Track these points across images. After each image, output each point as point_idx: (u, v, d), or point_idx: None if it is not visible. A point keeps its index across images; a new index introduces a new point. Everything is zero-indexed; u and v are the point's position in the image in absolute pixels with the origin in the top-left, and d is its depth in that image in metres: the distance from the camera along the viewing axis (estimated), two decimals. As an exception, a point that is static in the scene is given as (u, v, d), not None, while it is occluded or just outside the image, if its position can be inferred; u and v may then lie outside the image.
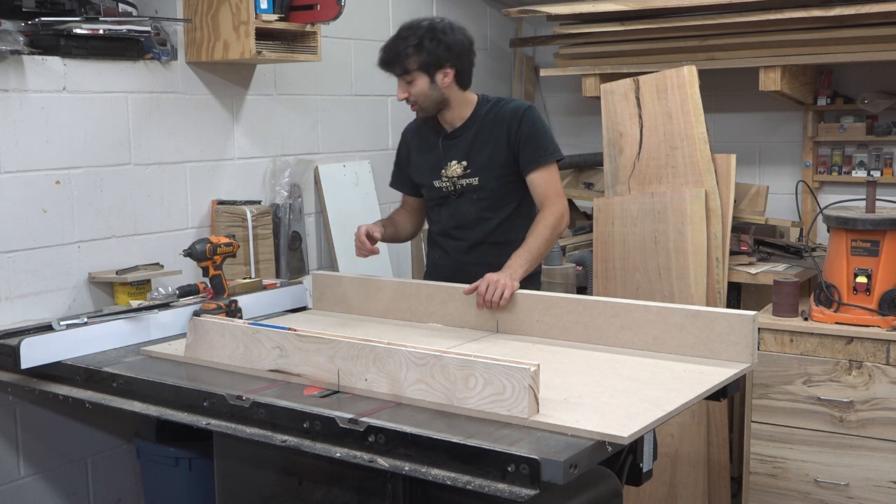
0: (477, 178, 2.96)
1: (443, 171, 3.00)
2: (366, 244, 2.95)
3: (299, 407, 2.09)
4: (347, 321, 2.97)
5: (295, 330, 2.32)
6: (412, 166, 3.13)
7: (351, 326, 2.85)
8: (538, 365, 1.98)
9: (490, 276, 2.71)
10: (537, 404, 1.97)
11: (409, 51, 2.85)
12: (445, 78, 2.89)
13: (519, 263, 2.76)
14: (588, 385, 2.21)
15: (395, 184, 3.25)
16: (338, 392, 2.20)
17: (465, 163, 2.96)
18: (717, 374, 2.29)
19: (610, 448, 1.88)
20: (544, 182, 2.90)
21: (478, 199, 2.98)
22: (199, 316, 2.59)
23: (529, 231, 2.86)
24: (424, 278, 3.26)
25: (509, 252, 2.87)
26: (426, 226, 3.29)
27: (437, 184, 3.02)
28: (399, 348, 2.13)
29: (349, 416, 2.00)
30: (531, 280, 2.95)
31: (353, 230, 3.86)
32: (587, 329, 2.60)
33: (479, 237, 3.01)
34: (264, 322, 2.63)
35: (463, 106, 2.98)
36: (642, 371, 2.33)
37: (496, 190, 2.96)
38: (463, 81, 2.95)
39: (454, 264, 3.06)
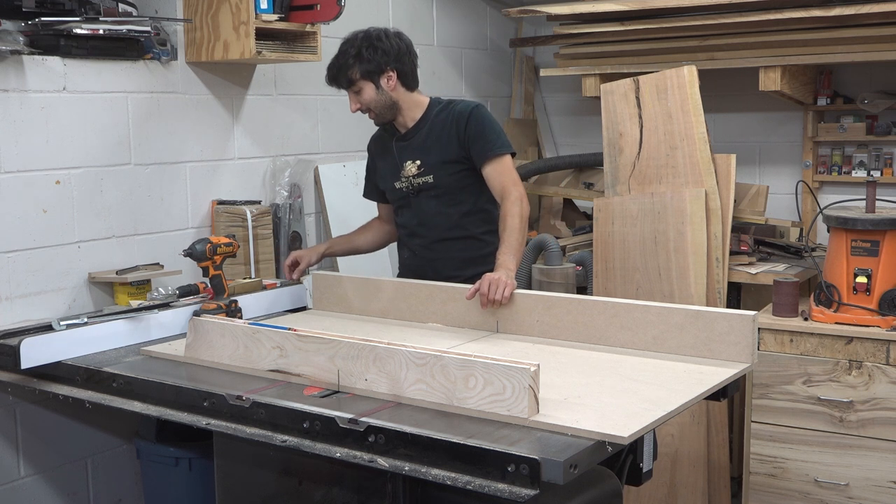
0: (431, 176, 3.05)
1: (401, 172, 3.10)
2: (286, 272, 3.21)
3: (299, 407, 2.09)
4: (347, 321, 2.97)
5: (295, 330, 2.32)
6: (379, 172, 3.24)
7: (351, 326, 2.85)
8: (538, 365, 1.98)
9: (490, 276, 2.73)
10: (537, 404, 1.97)
11: (350, 62, 2.97)
12: (390, 81, 3.00)
13: (509, 261, 2.80)
14: (588, 385, 2.21)
15: (366, 193, 3.38)
16: (338, 392, 2.20)
17: (418, 162, 3.06)
18: (717, 374, 2.29)
19: (610, 448, 1.88)
20: (498, 174, 2.98)
21: (435, 195, 3.07)
22: (199, 316, 2.59)
23: (501, 228, 2.91)
24: (399, 276, 3.30)
25: (472, 245, 3.07)
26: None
27: (397, 185, 3.12)
28: (399, 348, 2.13)
29: (349, 416, 2.00)
30: None
31: (354, 230, 3.89)
32: (587, 329, 2.60)
33: (441, 233, 3.10)
34: (264, 322, 2.63)
35: (414, 108, 3.08)
36: (642, 371, 2.33)
37: (451, 186, 3.05)
38: (408, 83, 3.05)
39: (421, 261, 3.15)
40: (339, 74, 3.00)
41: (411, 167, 3.07)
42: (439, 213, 3.08)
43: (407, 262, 3.24)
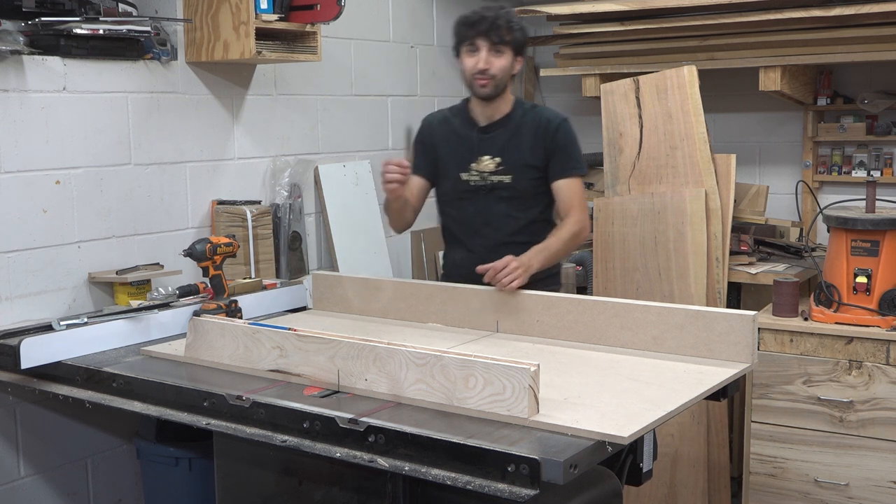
0: (510, 176, 2.97)
1: (473, 164, 3.00)
2: (394, 171, 2.81)
3: (299, 407, 2.09)
4: (347, 321, 2.97)
5: (295, 330, 2.32)
6: (437, 155, 3.09)
7: (351, 326, 2.85)
8: (538, 365, 1.98)
9: (511, 259, 2.73)
10: (537, 404, 1.97)
11: (516, 26, 2.90)
12: (517, 66, 2.95)
13: (535, 257, 2.78)
14: (588, 385, 2.21)
15: (416, 168, 3.08)
16: (338, 392, 2.20)
17: (498, 159, 2.97)
18: (717, 374, 2.29)
19: (610, 448, 1.88)
20: (570, 192, 2.96)
21: (508, 196, 2.99)
22: (199, 316, 2.59)
23: (553, 232, 2.92)
24: (444, 278, 3.21)
25: None
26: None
27: (464, 176, 3.01)
28: (399, 348, 2.13)
29: (349, 416, 2.00)
30: (550, 280, 3.00)
31: (354, 230, 3.89)
32: (587, 329, 2.60)
33: (506, 236, 3.00)
34: (264, 322, 2.63)
35: (505, 101, 3.00)
36: (642, 371, 2.33)
37: (527, 190, 2.98)
38: (514, 78, 3.00)
39: (480, 262, 2.90)
40: (502, 25, 2.87)
41: (489, 162, 2.97)
42: (508, 215, 3.00)
43: (460, 262, 3.07)
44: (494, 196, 2.99)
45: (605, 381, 2.25)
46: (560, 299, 2.68)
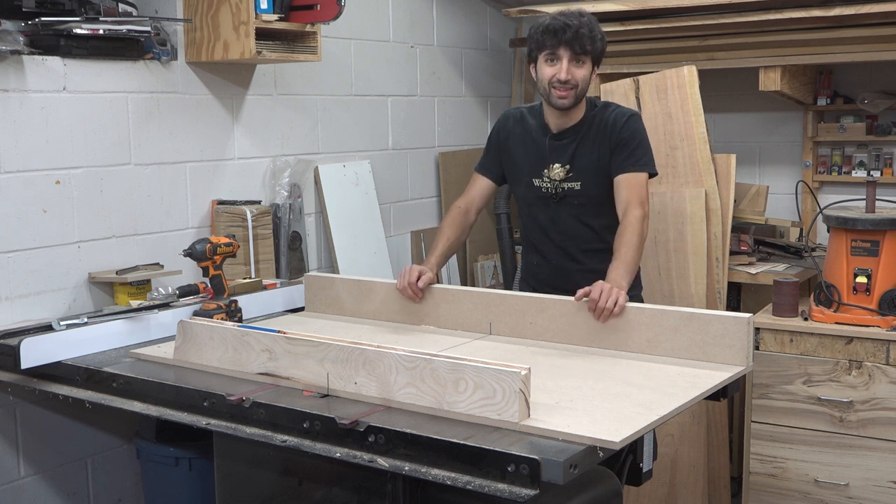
0: (579, 183, 2.90)
1: (545, 170, 2.94)
2: (415, 291, 2.85)
3: (299, 407, 2.09)
4: (343, 323, 2.96)
5: (284, 333, 2.31)
6: (510, 155, 3.03)
7: (344, 328, 2.84)
8: (529, 369, 1.96)
9: (603, 283, 2.57)
10: (528, 408, 1.95)
11: (598, 34, 2.81)
12: (594, 76, 2.88)
13: (621, 277, 2.62)
14: (581, 389, 2.20)
15: (482, 168, 3.10)
16: (327, 395, 2.19)
17: (567, 166, 2.90)
18: (712, 378, 2.27)
19: (601, 453, 1.86)
20: (629, 187, 2.82)
21: (579, 204, 2.92)
22: (199, 316, 2.59)
23: (617, 242, 2.75)
24: (520, 284, 3.18)
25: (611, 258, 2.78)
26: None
27: (536, 182, 2.96)
28: (389, 351, 2.11)
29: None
30: (632, 289, 2.87)
31: (354, 230, 3.89)
32: (581, 331, 2.58)
33: (581, 243, 2.95)
34: (261, 323, 2.63)
35: (579, 109, 2.92)
36: (636, 374, 2.31)
37: (598, 196, 2.90)
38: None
39: (557, 271, 2.99)
40: (586, 35, 2.77)
41: (559, 171, 2.90)
42: (581, 222, 2.93)
43: (535, 270, 3.06)
44: (565, 204, 2.93)
45: (598, 384, 2.24)
46: (554, 301, 2.66)
